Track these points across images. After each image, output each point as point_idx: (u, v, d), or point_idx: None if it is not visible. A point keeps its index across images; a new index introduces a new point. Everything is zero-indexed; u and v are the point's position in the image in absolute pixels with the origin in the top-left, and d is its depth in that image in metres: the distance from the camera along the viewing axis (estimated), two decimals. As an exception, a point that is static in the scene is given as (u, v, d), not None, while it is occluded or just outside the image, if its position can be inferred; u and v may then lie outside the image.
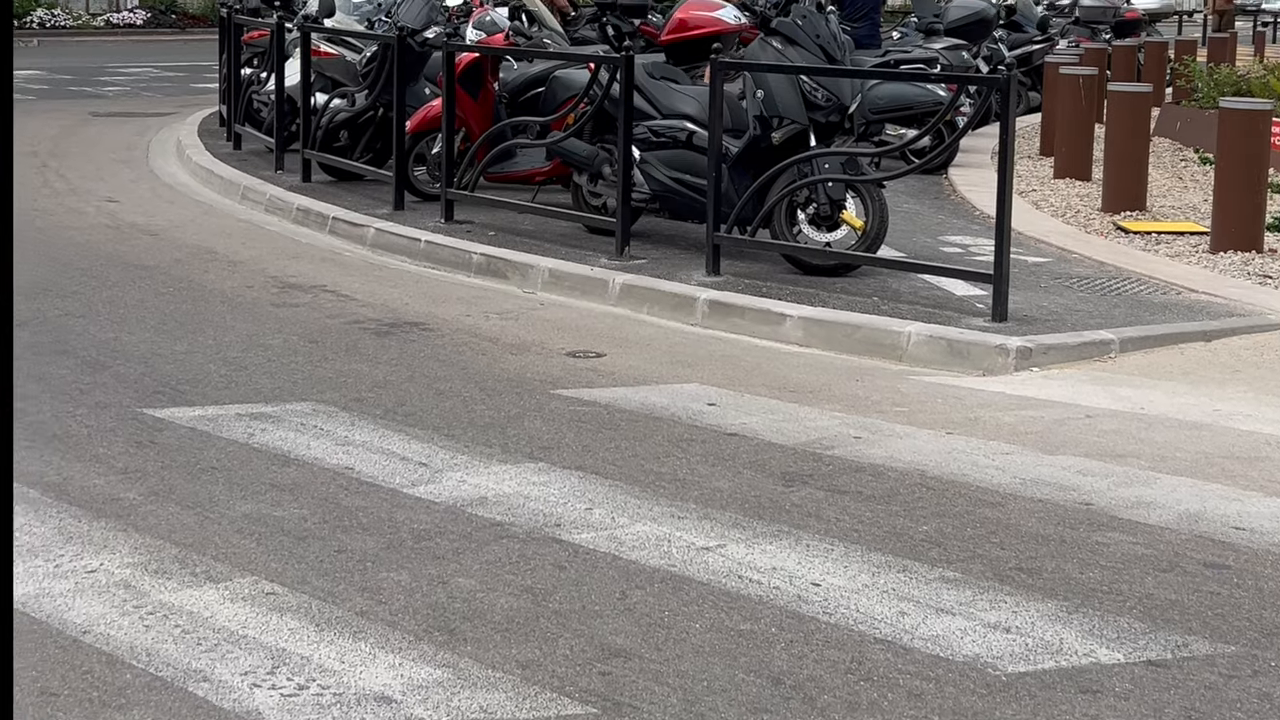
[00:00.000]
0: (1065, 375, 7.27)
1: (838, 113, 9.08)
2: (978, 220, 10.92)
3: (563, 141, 9.95)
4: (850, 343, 7.72)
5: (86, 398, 6.44)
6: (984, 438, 6.23)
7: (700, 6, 10.84)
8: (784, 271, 8.90)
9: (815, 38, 9.19)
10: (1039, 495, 5.49)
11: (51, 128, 16.51)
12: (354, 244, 10.35)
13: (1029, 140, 15.51)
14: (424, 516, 5.12)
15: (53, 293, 8.44)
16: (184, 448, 5.80)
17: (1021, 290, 8.31)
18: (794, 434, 6.21)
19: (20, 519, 4.94)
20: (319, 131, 12.11)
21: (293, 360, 7.23)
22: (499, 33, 11.90)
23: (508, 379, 7.02)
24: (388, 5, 13.36)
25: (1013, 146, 7.85)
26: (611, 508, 5.26)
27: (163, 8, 37.68)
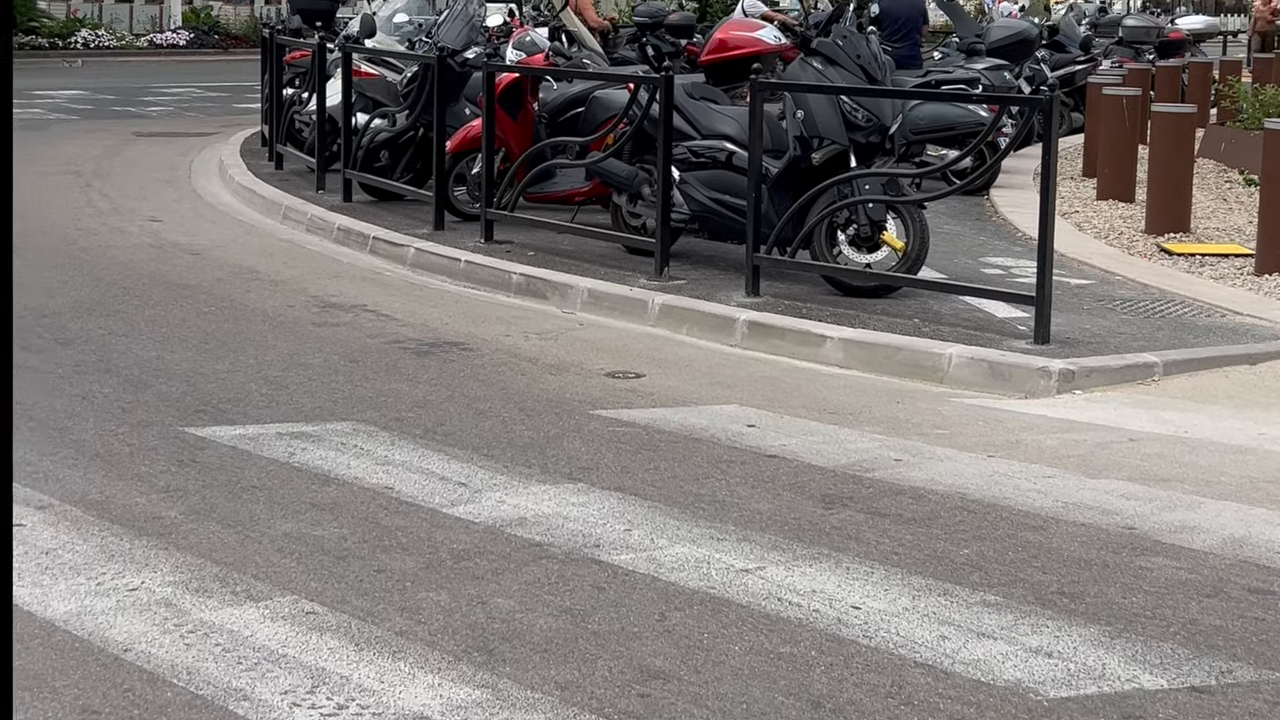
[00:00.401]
0: (1108, 398, 7.22)
1: (878, 133, 9.06)
2: (1019, 242, 10.88)
3: (602, 162, 9.96)
4: (891, 365, 7.69)
5: (129, 416, 6.47)
6: (1026, 461, 6.19)
7: (740, 27, 10.86)
8: (824, 293, 8.88)
9: (856, 58, 9.18)
10: (1082, 519, 5.45)
11: (95, 148, 16.63)
12: (394, 264, 10.38)
13: (1071, 161, 15.44)
14: (463, 536, 5.12)
15: (97, 312, 8.49)
16: (225, 466, 5.82)
17: (1064, 312, 8.26)
18: (834, 456, 6.18)
19: (63, 537, 4.98)
20: (360, 151, 12.16)
21: (333, 379, 7.24)
22: (539, 53, 11.94)
23: (547, 399, 7.02)
24: (428, 26, 13.43)
25: (1055, 167, 7.81)
26: (650, 529, 5.24)
27: (206, 28, 37.98)
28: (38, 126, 19.01)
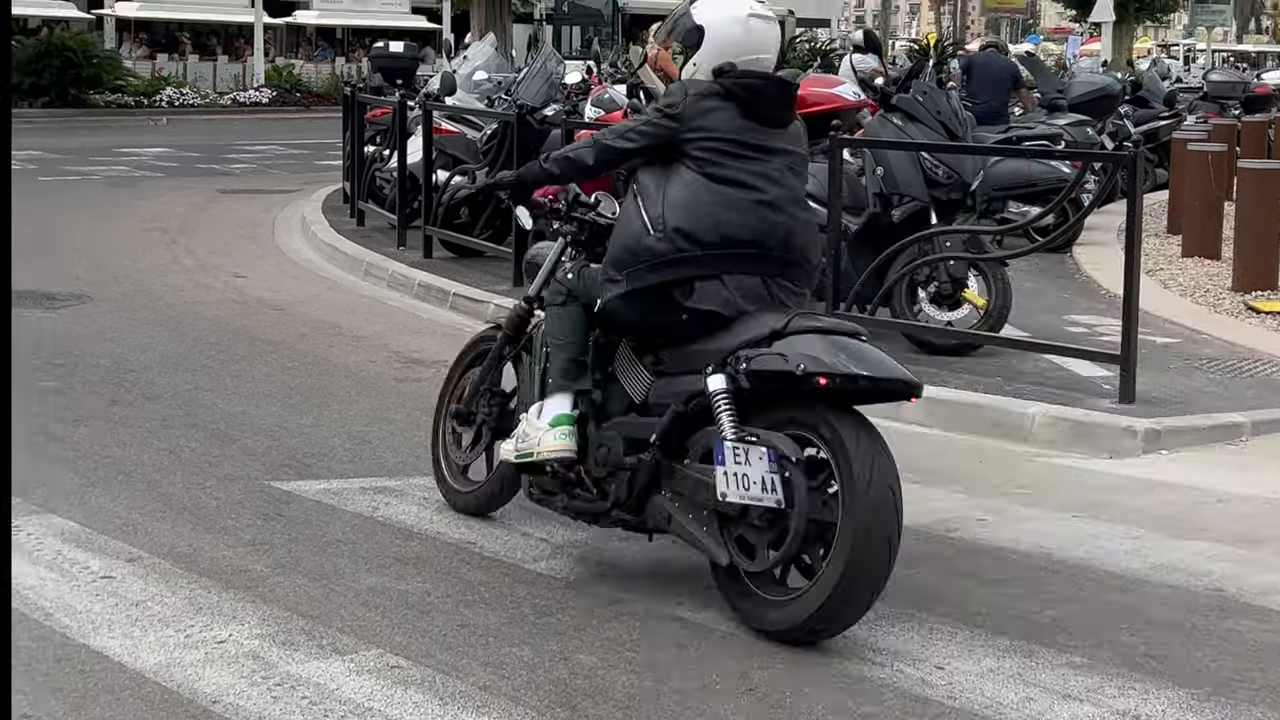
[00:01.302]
0: (1195, 458, 7.14)
1: (959, 190, 9.04)
2: (1103, 299, 10.80)
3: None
4: (973, 423, 7.64)
5: (216, 470, 6.54)
6: (1111, 521, 6.13)
7: (819, 83, 10.89)
8: (904, 350, 8.84)
9: (936, 114, 9.18)
10: (1169, 581, 5.39)
11: (180, 204, 16.88)
12: (474, 319, 10.43)
13: (1156, 218, 15.32)
14: (545, 592, 5.13)
15: (183, 367, 8.59)
16: (310, 520, 5.86)
17: (1149, 371, 8.18)
18: (916, 515, 6.11)
19: (153, 589, 5.03)
20: (440, 208, 12.28)
21: (416, 435, 7.27)
22: (617, 110, 12.01)
23: (627, 455, 7.02)
24: (508, 84, 13.57)
25: (1140, 224, 7.76)
26: (732, 587, 5.22)
27: (288, 86, 38.54)
28: (125, 184, 19.34)
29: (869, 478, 4.54)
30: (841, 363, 4.62)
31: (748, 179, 5.05)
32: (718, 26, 5.23)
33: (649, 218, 5.06)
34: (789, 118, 5.24)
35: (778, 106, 5.18)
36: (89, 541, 5.51)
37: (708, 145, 5.06)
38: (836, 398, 4.67)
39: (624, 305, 5.12)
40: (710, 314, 4.98)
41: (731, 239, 5.00)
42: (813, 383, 4.59)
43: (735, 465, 4.63)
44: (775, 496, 4.62)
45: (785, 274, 5.09)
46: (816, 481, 4.67)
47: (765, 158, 5.10)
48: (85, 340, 9.32)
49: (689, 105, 5.10)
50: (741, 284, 5.00)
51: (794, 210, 5.14)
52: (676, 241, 4.99)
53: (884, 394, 4.78)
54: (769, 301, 5.02)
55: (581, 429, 5.26)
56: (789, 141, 5.19)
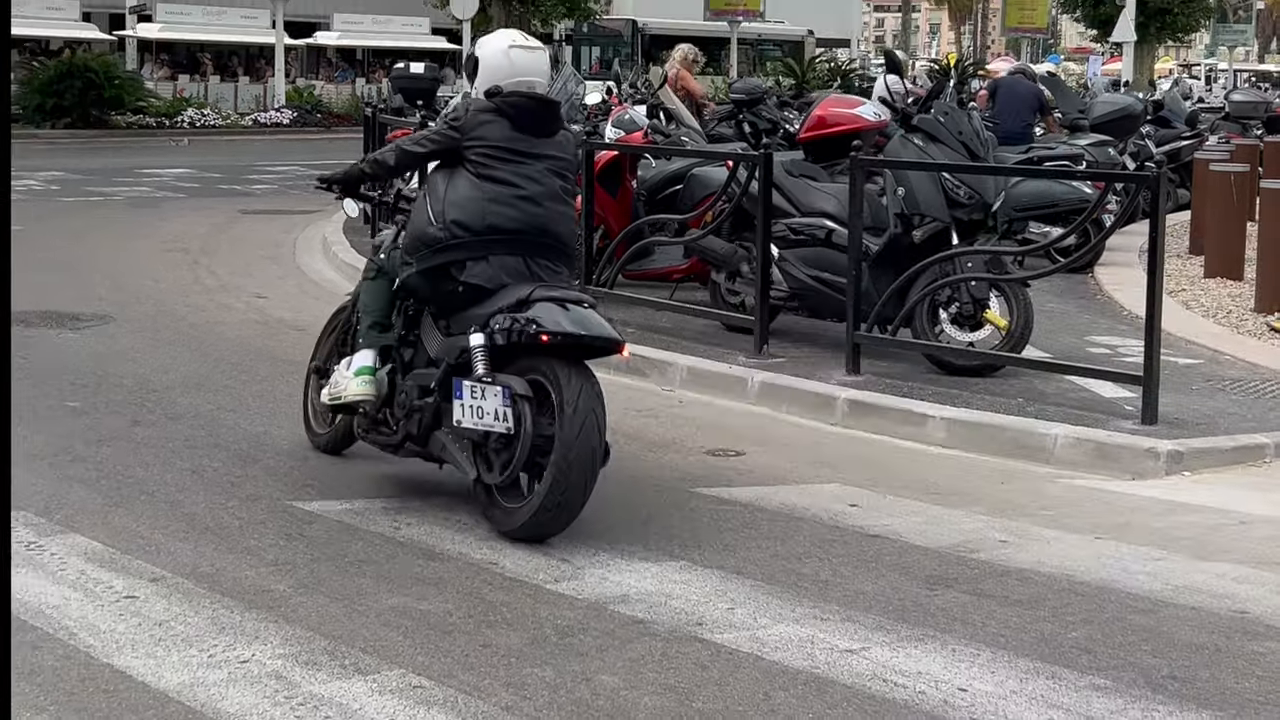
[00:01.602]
0: (1218, 480, 7.12)
1: (980, 210, 9.04)
2: (1125, 320, 10.78)
3: (701, 239, 10.00)
4: (995, 444, 7.63)
5: (238, 490, 6.56)
6: (1134, 543, 6.11)
7: (839, 103, 10.90)
8: (926, 371, 8.84)
9: (957, 134, 9.18)
10: (1192, 602, 5.37)
11: (202, 225, 16.94)
12: (495, 340, 10.45)
13: (1178, 239, 15.26)
14: (567, 613, 5.13)
15: (206, 387, 8.62)
16: (332, 540, 5.88)
17: (1172, 392, 8.17)
18: (938, 537, 6.14)
19: (176, 609, 5.04)
20: (461, 229, 12.28)
21: (437, 455, 7.29)
22: (637, 131, 12.03)
23: (648, 476, 7.04)
24: (529, 105, 13.58)
25: (1162, 245, 7.74)
26: (754, 608, 5.23)
27: (309, 107, 38.67)
28: (147, 204, 19.42)
29: (575, 406, 5.78)
30: (561, 323, 5.87)
31: (513, 179, 6.23)
32: (487, 57, 6.45)
33: (432, 212, 6.26)
34: (554, 129, 6.41)
35: (541, 120, 6.36)
36: (112, 561, 5.52)
37: (482, 151, 6.24)
38: (560, 350, 5.89)
39: (416, 281, 6.34)
40: (479, 287, 6.16)
41: (496, 227, 6.18)
42: (538, 338, 5.84)
43: (472, 400, 5.91)
44: (506, 425, 5.87)
45: (543, 255, 6.26)
46: (545, 414, 5.86)
47: (530, 162, 6.27)
48: (108, 360, 9.36)
49: (469, 119, 6.30)
50: (504, 263, 6.18)
51: (550, 204, 6.29)
52: (453, 230, 6.18)
53: (596, 349, 6.07)
54: (528, 277, 6.16)
55: (392, 379, 6.49)
56: (554, 149, 6.36)
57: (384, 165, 6.64)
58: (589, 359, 6.07)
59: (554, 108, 6.50)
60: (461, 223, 6.17)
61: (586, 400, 5.85)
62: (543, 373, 5.91)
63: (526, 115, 6.31)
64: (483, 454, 6.00)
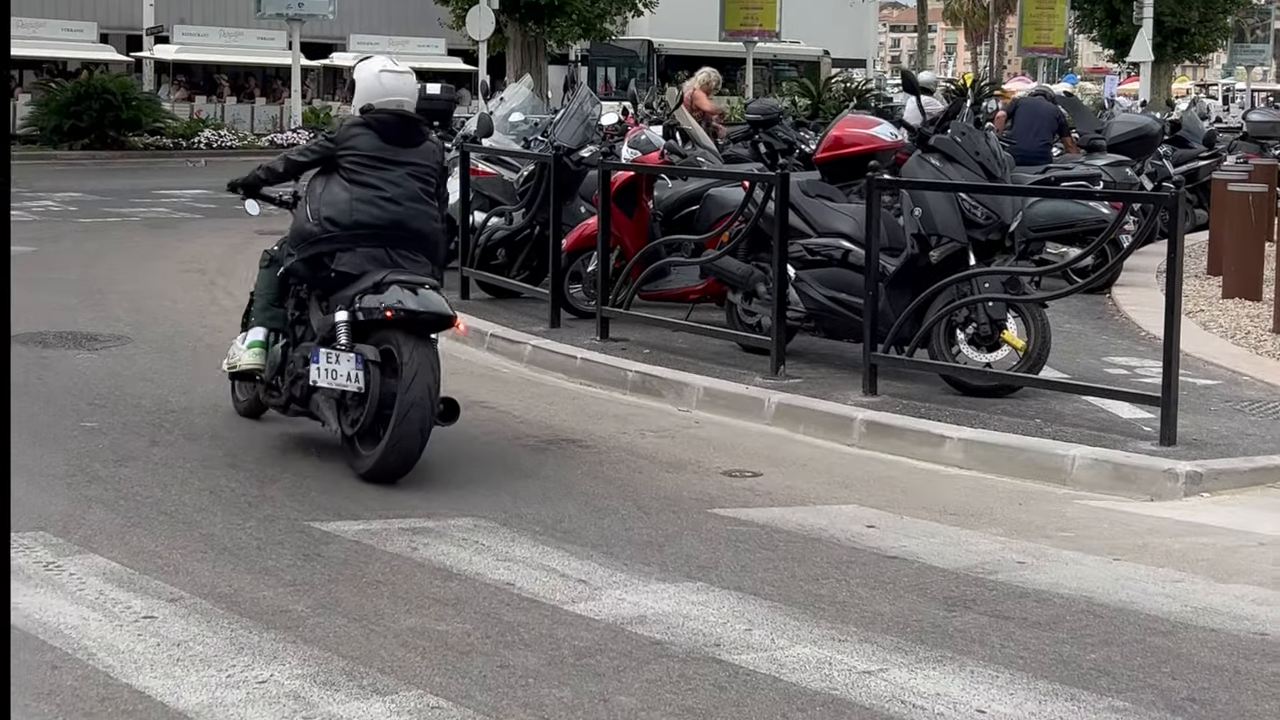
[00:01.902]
0: (1237, 501, 7.10)
1: (998, 231, 9.02)
2: (1143, 341, 10.76)
3: (717, 260, 10.00)
4: (1013, 466, 7.62)
5: (256, 511, 6.57)
6: (1153, 564, 6.09)
7: (856, 124, 10.89)
8: (943, 392, 8.83)
9: (974, 154, 9.17)
10: (1211, 624, 5.34)
11: (218, 246, 16.97)
12: (511, 361, 10.48)
13: (1196, 259, 15.23)
14: (584, 633, 5.13)
15: (223, 408, 8.61)
16: (349, 561, 5.88)
17: (1190, 413, 8.15)
18: (956, 558, 6.12)
19: (194, 629, 5.05)
20: (477, 250, 12.32)
21: (453, 476, 7.31)
22: (654, 151, 12.05)
23: (664, 497, 7.03)
24: (544, 125, 13.62)
25: (1180, 265, 7.72)
26: (771, 629, 5.22)
27: (325, 128, 38.75)
28: (164, 225, 19.48)
29: (414, 372, 6.93)
30: (404, 303, 7.05)
31: (377, 182, 7.40)
32: (363, 80, 7.68)
33: (310, 211, 7.47)
34: (418, 140, 7.58)
35: (405, 132, 7.53)
36: (131, 581, 5.53)
37: (352, 160, 7.43)
38: (405, 324, 7.05)
39: (298, 268, 7.55)
40: (347, 273, 7.30)
41: (362, 223, 7.33)
42: (384, 315, 7.03)
43: (328, 364, 7.09)
44: (357, 385, 7.07)
45: (403, 246, 7.40)
46: (393, 377, 7.01)
47: (393, 168, 7.44)
48: (126, 381, 9.38)
49: (341, 133, 7.57)
50: (369, 253, 7.31)
51: (410, 203, 7.44)
52: (325, 226, 7.36)
53: (433, 324, 7.16)
54: (389, 264, 7.29)
55: (287, 352, 7.62)
56: (417, 156, 7.54)
57: (274, 172, 7.93)
58: (432, 332, 7.20)
59: (416, 123, 7.67)
60: (333, 219, 7.36)
61: (423, 366, 7.01)
62: (391, 343, 7.08)
63: (392, 128, 7.51)
64: (344, 410, 7.20)
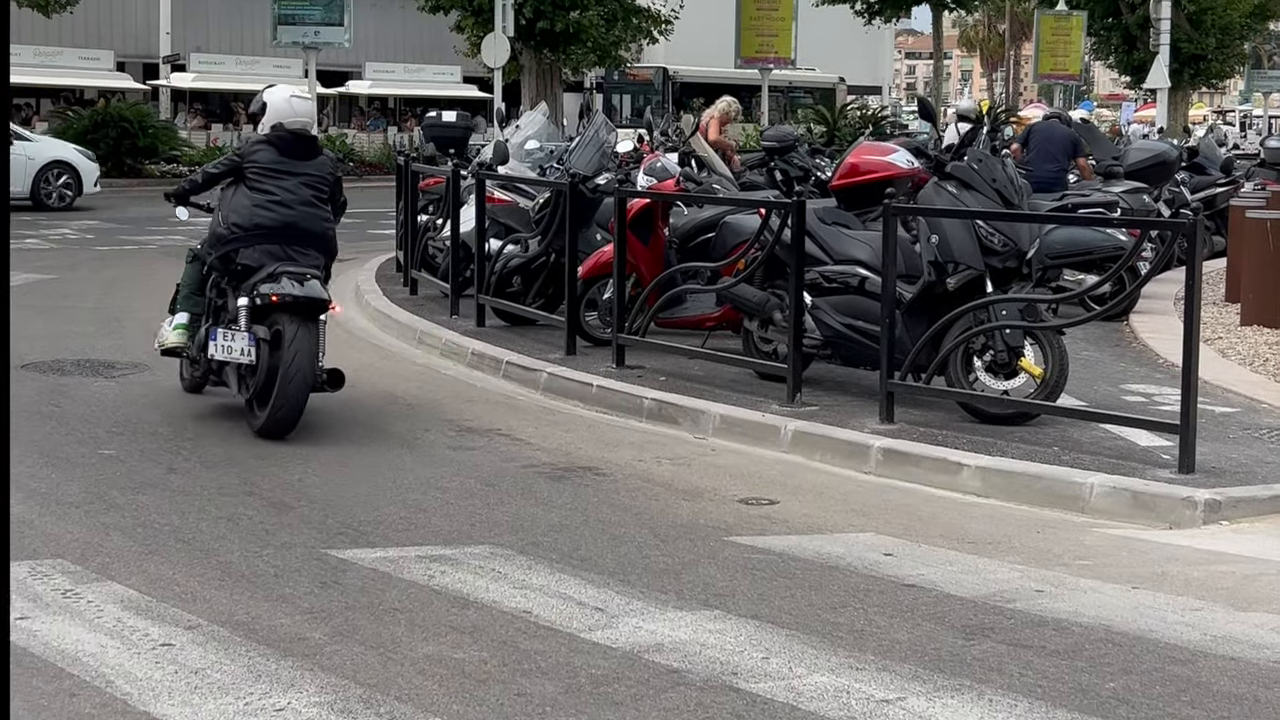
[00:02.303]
0: (1256, 529, 7.07)
1: (1015, 258, 9.01)
2: (1161, 369, 10.74)
3: (733, 287, 10.00)
4: (1030, 494, 7.59)
5: (273, 538, 6.57)
6: (1172, 593, 6.06)
7: (872, 151, 10.90)
8: (960, 419, 8.82)
9: (991, 181, 9.17)
10: (1231, 653, 5.32)
11: (236, 272, 17.00)
12: (527, 388, 10.48)
13: (1214, 286, 15.17)
14: (601, 662, 5.12)
15: (239, 435, 8.63)
16: (366, 589, 5.88)
17: (1209, 441, 8.12)
18: (974, 586, 6.10)
19: (211, 656, 5.04)
20: (493, 277, 12.33)
21: (470, 503, 7.31)
22: (670, 178, 12.06)
23: (681, 525, 7.02)
24: (560, 152, 13.65)
25: (1199, 292, 7.69)
26: (789, 657, 5.20)
27: (341, 156, 38.84)
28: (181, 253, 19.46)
29: (295, 348, 8.42)
30: (288, 290, 8.52)
31: (274, 190, 8.85)
32: (274, 103, 9.14)
33: (220, 217, 8.98)
34: (312, 154, 9.11)
35: (301, 148, 9.05)
36: (148, 609, 5.53)
37: (255, 171, 8.90)
38: (291, 308, 8.52)
39: (214, 263, 9.00)
40: (250, 266, 8.71)
41: (260, 225, 8.77)
42: (270, 300, 8.50)
43: (224, 341, 8.59)
44: (249, 358, 8.54)
45: (296, 243, 8.81)
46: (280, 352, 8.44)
47: (289, 178, 8.90)
48: (143, 408, 9.40)
49: (247, 148, 9.10)
50: (268, 250, 8.73)
51: (301, 207, 8.88)
52: (231, 228, 8.82)
53: (314, 307, 8.59)
54: (284, 258, 8.70)
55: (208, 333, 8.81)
56: (311, 169, 9.03)
57: (196, 183, 9.41)
58: (316, 315, 8.62)
59: (311, 140, 9.20)
60: (237, 223, 8.81)
61: (303, 342, 8.47)
62: (280, 323, 8.49)
63: (289, 144, 9.00)
64: (243, 379, 8.68)
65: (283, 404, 8.41)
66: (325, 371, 8.71)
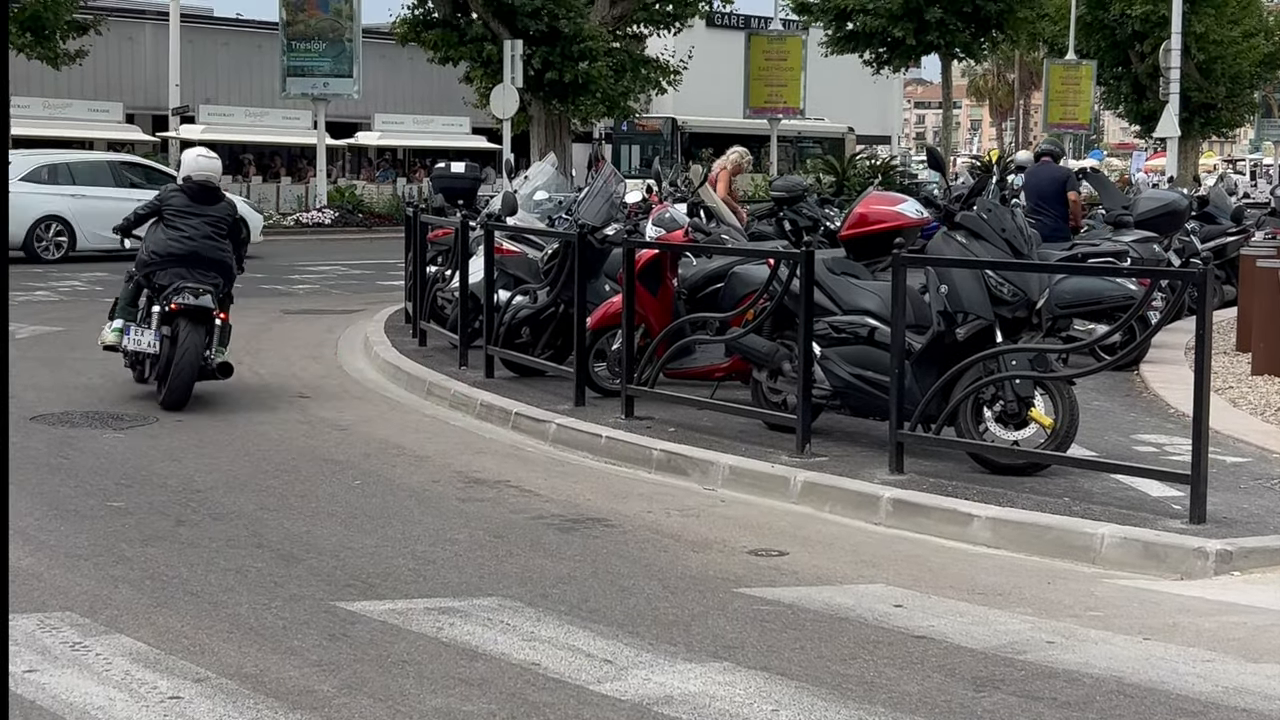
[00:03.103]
0: (1268, 580, 7.03)
1: (1024, 308, 9.00)
2: (1172, 418, 10.71)
3: (742, 337, 10.00)
4: (1041, 544, 7.56)
5: (281, 590, 6.55)
6: (1183, 644, 6.03)
7: (881, 201, 10.92)
8: (970, 470, 8.79)
9: (1000, 231, 9.17)
10: (1243, 704, 5.28)
11: (244, 325, 16.92)
12: (536, 439, 10.47)
13: (1225, 335, 15.15)
14: (610, 714, 5.09)
15: (249, 487, 8.65)
16: (375, 641, 5.86)
17: (1220, 491, 8.09)
18: (984, 638, 6.07)
19: (220, 709, 5.03)
20: (502, 328, 12.34)
21: (479, 555, 7.29)
22: (678, 229, 12.08)
23: (690, 576, 7.00)
24: (568, 203, 13.69)
25: (1209, 342, 7.68)
26: (798, 709, 5.17)
27: (350, 207, 39.00)
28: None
29: (186, 344, 11.07)
30: (185, 301, 11.14)
31: (183, 227, 11.54)
32: (185, 161, 12.10)
33: (144, 247, 11.64)
34: (214, 200, 11.80)
35: (204, 195, 11.73)
36: (157, 661, 5.52)
37: (170, 212, 11.62)
38: (186, 313, 11.16)
39: (141, 281, 11.61)
40: (164, 284, 11.30)
41: (172, 253, 11.43)
42: (171, 307, 11.13)
43: (137, 336, 11.33)
44: (154, 350, 11.27)
45: (198, 266, 11.45)
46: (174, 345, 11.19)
47: (194, 217, 11.59)
48: (152, 461, 9.40)
49: (164, 194, 11.85)
50: (177, 271, 11.36)
51: (202, 240, 11.55)
52: (150, 256, 11.50)
53: (203, 314, 11.21)
54: (189, 278, 11.32)
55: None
56: (214, 211, 11.73)
57: (130, 221, 11.91)
58: (206, 320, 11.23)
59: (214, 190, 11.89)
60: (155, 251, 11.49)
61: (191, 340, 11.12)
62: (178, 325, 11.15)
63: (196, 192, 11.71)
64: (153, 366, 11.42)
65: (176, 384, 11.12)
66: (216, 363, 11.39)
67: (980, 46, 46.43)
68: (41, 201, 25.60)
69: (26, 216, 25.22)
